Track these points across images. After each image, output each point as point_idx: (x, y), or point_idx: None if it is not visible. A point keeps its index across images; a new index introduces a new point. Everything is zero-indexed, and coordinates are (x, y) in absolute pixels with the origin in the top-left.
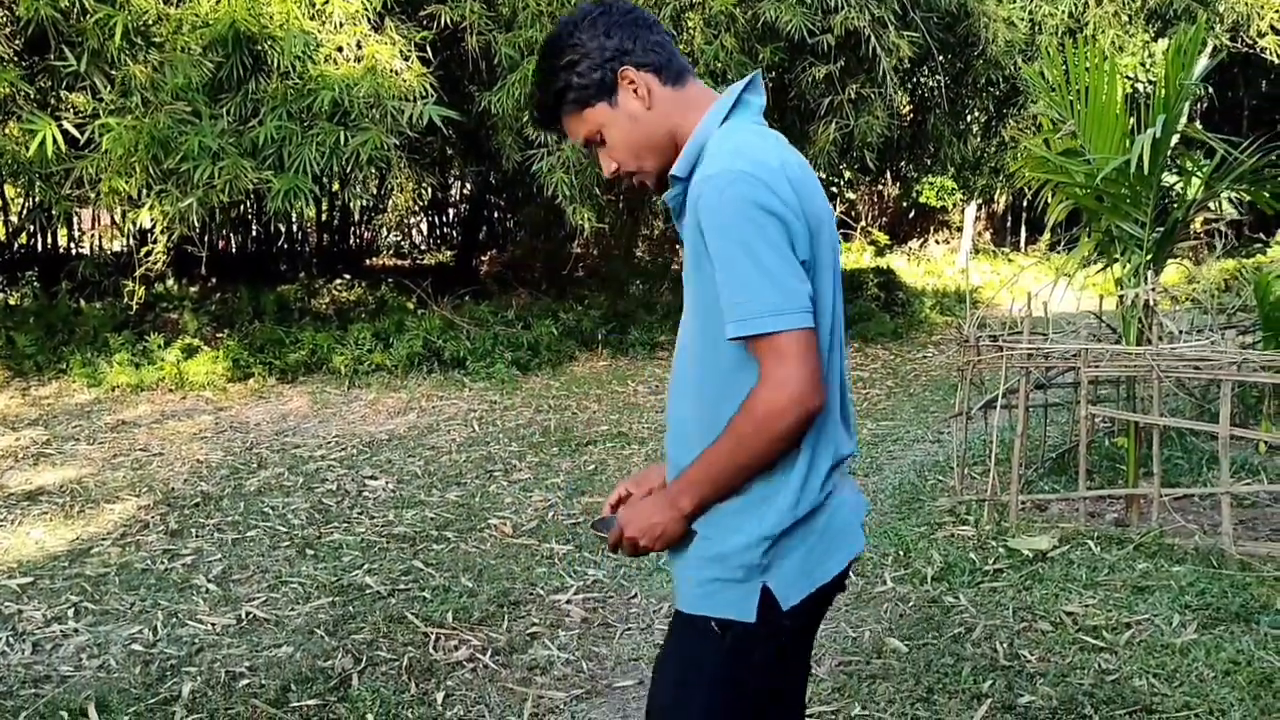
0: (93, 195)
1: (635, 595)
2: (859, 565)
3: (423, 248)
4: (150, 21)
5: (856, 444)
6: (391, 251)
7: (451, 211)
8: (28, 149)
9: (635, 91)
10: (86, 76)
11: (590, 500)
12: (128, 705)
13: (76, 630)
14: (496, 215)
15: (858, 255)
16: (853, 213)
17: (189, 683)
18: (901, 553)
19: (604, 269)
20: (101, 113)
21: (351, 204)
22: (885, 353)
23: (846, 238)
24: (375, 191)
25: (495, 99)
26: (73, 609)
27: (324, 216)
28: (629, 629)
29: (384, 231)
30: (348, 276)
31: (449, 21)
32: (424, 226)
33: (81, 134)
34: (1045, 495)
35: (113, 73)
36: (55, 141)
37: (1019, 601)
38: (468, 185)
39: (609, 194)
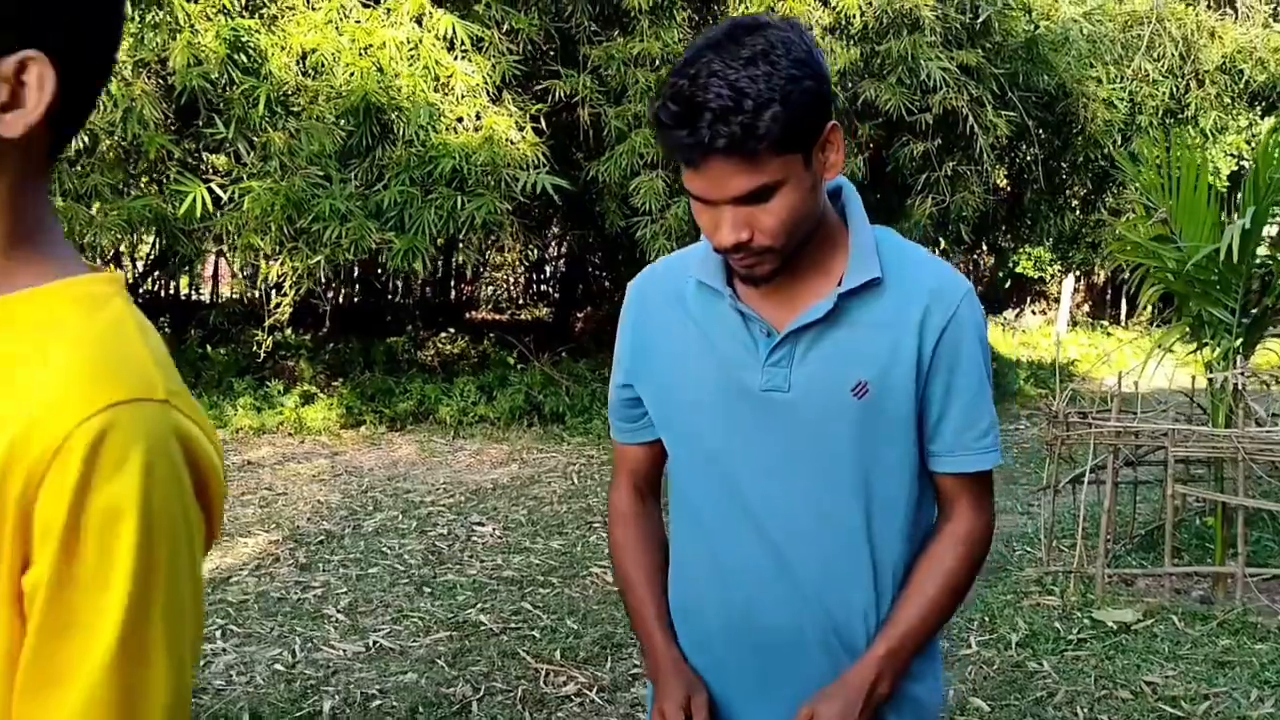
0: (228, 250)
1: None
2: (944, 629)
3: (520, 303)
4: (290, 92)
5: None
6: (491, 306)
7: (549, 269)
8: (175, 207)
9: (825, 155)
10: (231, 142)
11: None
12: (277, 717)
13: (225, 650)
14: (594, 274)
15: None
16: None
17: (328, 700)
18: (987, 619)
19: None
20: (243, 175)
21: (460, 261)
22: None
23: None
24: (483, 252)
25: (603, 168)
26: (220, 631)
27: (430, 272)
28: None
29: (486, 288)
30: (451, 330)
31: (562, 95)
32: (522, 283)
33: (224, 194)
34: (1131, 570)
35: (254, 139)
36: (204, 202)
37: (1101, 670)
38: (565, 245)
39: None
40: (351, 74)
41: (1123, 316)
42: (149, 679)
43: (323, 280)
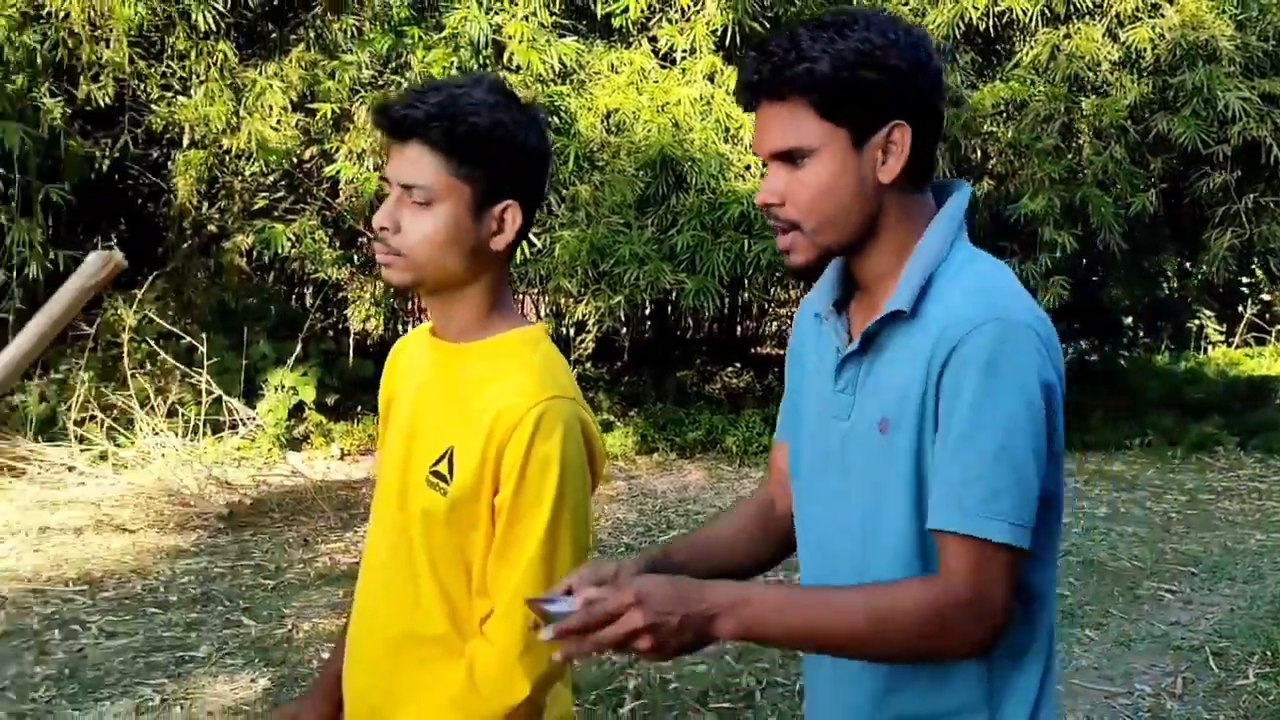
0: (538, 291)
1: None
2: (1221, 658)
3: None
4: (595, 148)
5: None
6: (775, 342)
7: None
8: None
9: (884, 155)
10: (545, 196)
11: None
12: (591, 689)
13: None
14: None
15: (1270, 360)
16: (1267, 315)
17: (633, 680)
18: (1269, 653)
19: None
20: (554, 225)
21: (745, 299)
22: None
23: (1260, 341)
24: (768, 290)
25: None
26: None
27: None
28: None
29: (771, 324)
30: (737, 364)
31: None
32: None
33: (537, 242)
34: None
35: (564, 191)
36: (523, 250)
37: None
38: None
39: None
40: (650, 130)
41: None
42: (559, 554)
43: (621, 318)
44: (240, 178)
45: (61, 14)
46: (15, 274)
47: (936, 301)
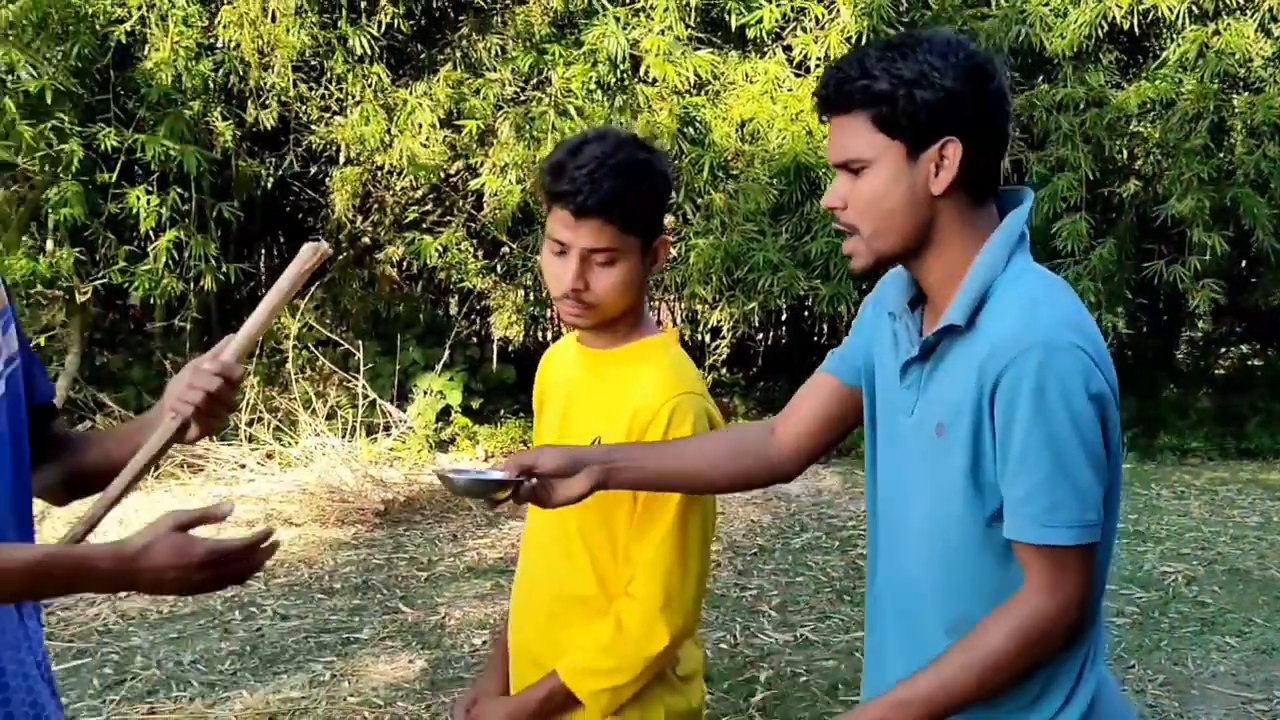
0: (673, 298)
1: (1133, 665)
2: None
3: None
4: (729, 157)
5: None
6: None
7: None
8: None
9: (936, 168)
10: (680, 204)
11: None
12: (723, 679)
13: None
14: None
15: None
16: None
17: (764, 672)
18: None
19: (1138, 371)
20: (689, 234)
21: None
22: None
23: None
24: None
25: None
26: None
27: (851, 316)
28: (1123, 691)
29: None
30: None
31: None
32: None
33: (672, 250)
34: None
35: (699, 200)
36: None
37: None
38: None
39: (1140, 297)
40: (784, 138)
41: None
42: (690, 526)
43: (755, 324)
44: (392, 192)
45: (233, 44)
46: (192, 285)
47: (991, 316)
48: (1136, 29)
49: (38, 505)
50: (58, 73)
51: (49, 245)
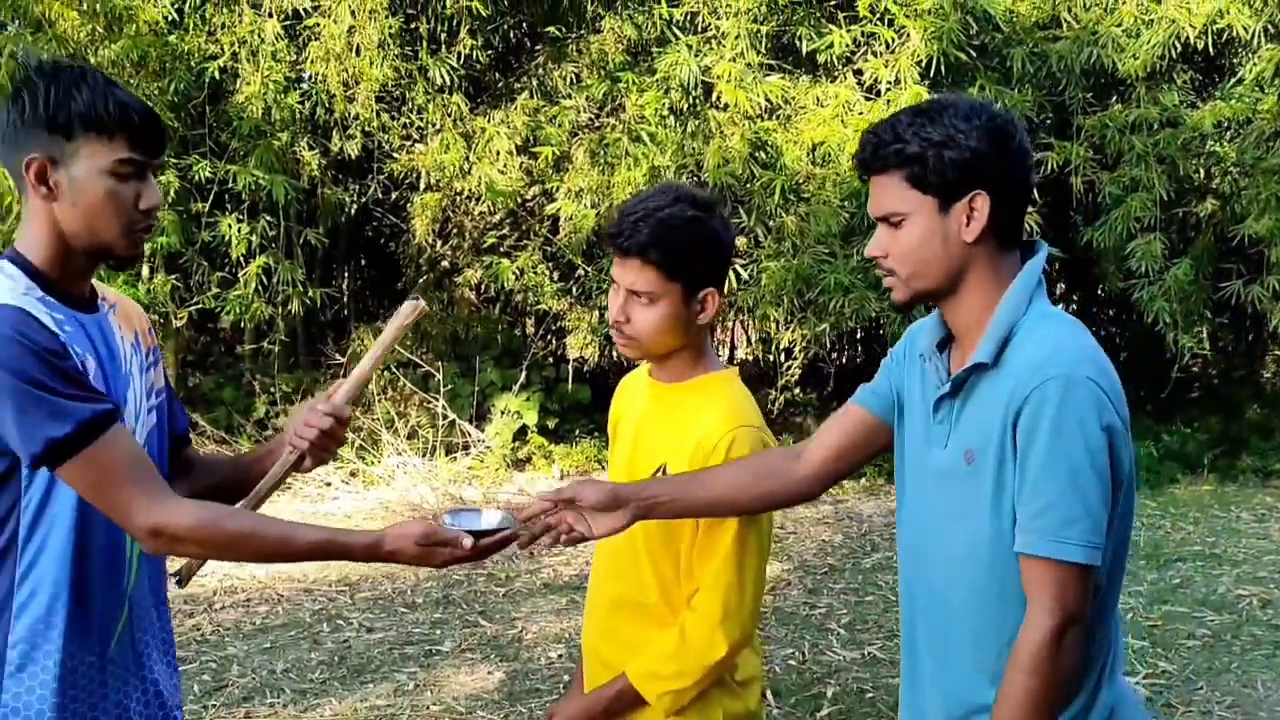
0: (745, 319)
1: (1201, 687)
2: None
3: None
4: (800, 180)
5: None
6: None
7: None
8: None
9: (968, 219)
10: (751, 227)
11: (1168, 609)
12: (790, 694)
13: None
14: (1099, 334)
15: None
16: None
17: (831, 688)
18: None
19: (1221, 391)
20: (760, 256)
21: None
22: None
23: None
24: None
25: (1097, 234)
26: None
27: None
28: (1189, 712)
29: None
30: None
31: (1054, 165)
32: None
33: (744, 272)
34: None
35: (770, 223)
36: (729, 280)
37: None
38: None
39: (1221, 316)
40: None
41: None
42: (749, 547)
43: (827, 345)
44: (470, 217)
45: (320, 77)
46: (280, 309)
47: (1015, 353)
48: (1210, 48)
49: None
50: (155, 108)
51: (145, 272)
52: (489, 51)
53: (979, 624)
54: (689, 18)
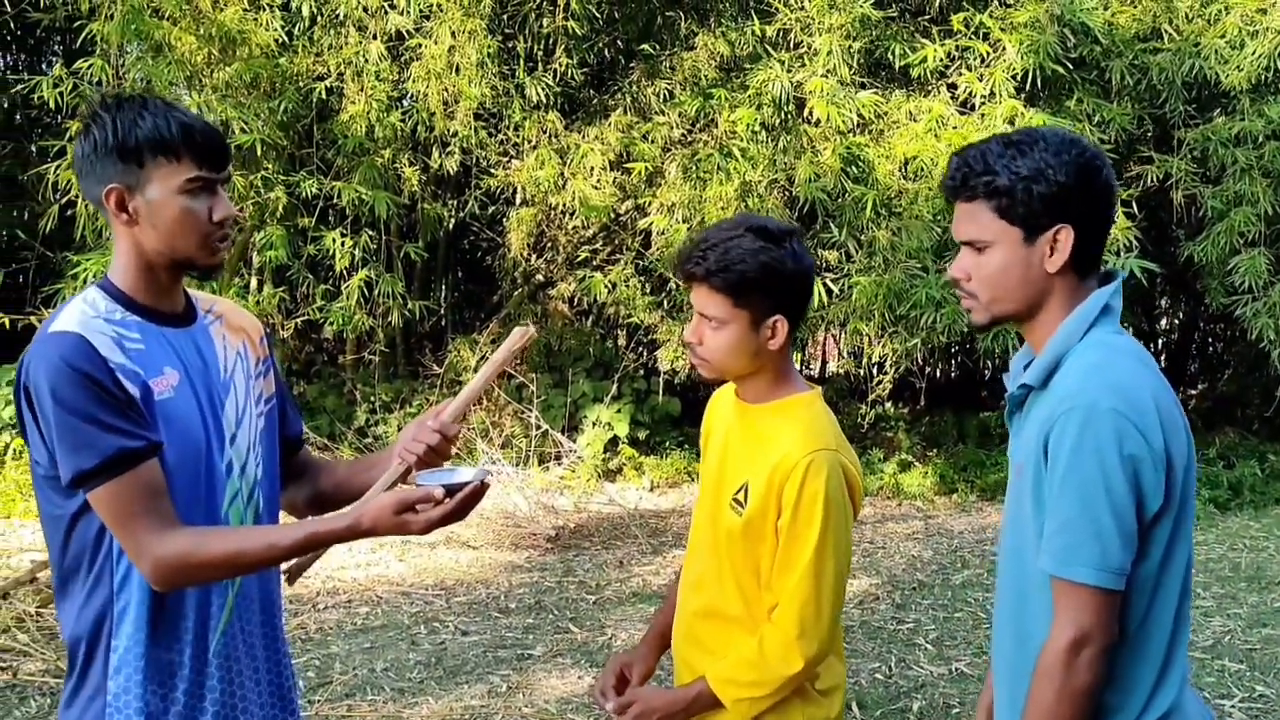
0: (838, 333)
1: None
2: None
3: None
4: (892, 195)
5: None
6: None
7: (1159, 344)
8: None
9: (1051, 250)
10: (842, 242)
11: (1268, 632)
12: (878, 706)
13: None
14: (1204, 349)
15: None
16: None
17: (917, 702)
18: None
19: None
20: (851, 271)
21: None
22: None
23: None
24: None
25: (1199, 249)
26: None
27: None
28: None
29: None
30: None
31: (1154, 179)
32: None
33: (835, 286)
34: None
35: (861, 238)
36: (819, 294)
37: None
38: (1174, 321)
39: None
40: None
41: None
42: (826, 565)
43: (919, 359)
44: (564, 231)
45: (422, 96)
46: (381, 320)
47: (1060, 378)
48: None
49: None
50: (265, 127)
51: (253, 284)
52: (584, 69)
53: (1016, 629)
54: (781, 34)
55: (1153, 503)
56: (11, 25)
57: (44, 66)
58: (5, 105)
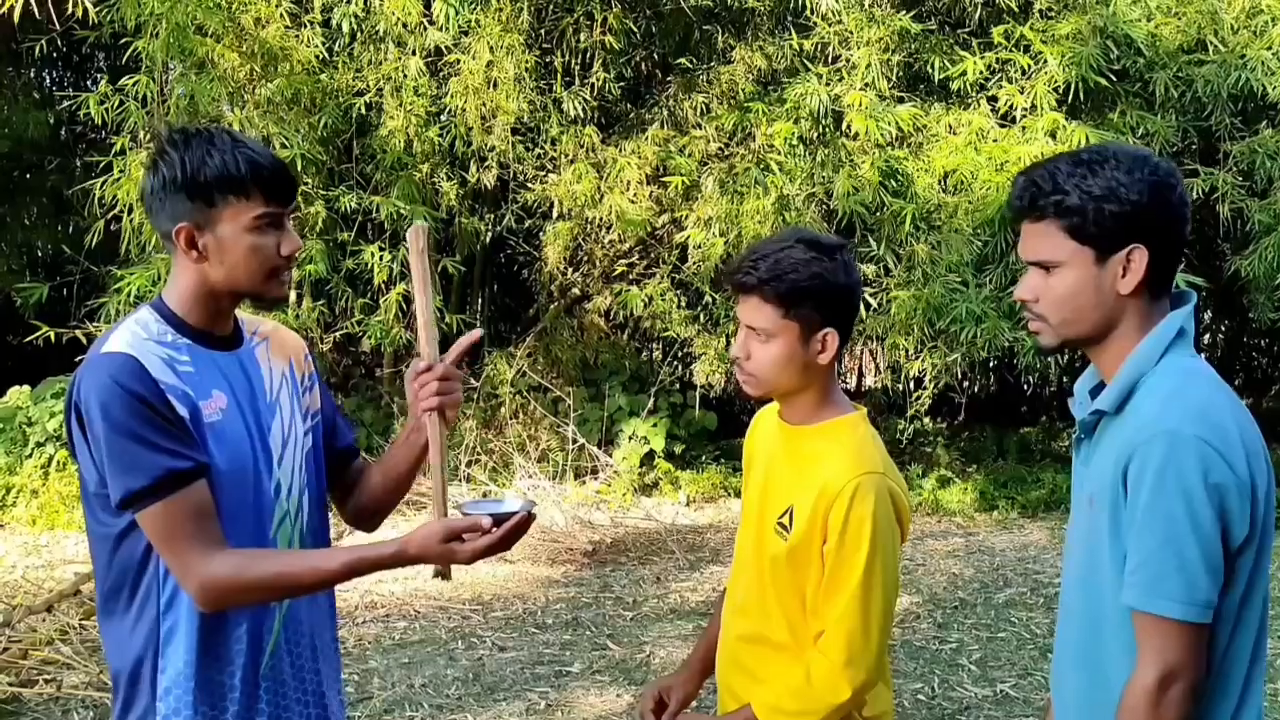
0: (876, 347)
1: None
2: None
3: None
4: (931, 209)
5: None
6: None
7: (1204, 357)
8: None
9: (1124, 270)
10: (880, 255)
11: None
12: None
13: None
14: (1250, 364)
15: None
16: None
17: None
18: None
19: None
20: (890, 285)
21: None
22: None
23: None
24: None
25: (1246, 263)
26: None
27: (1067, 365)
28: None
29: None
30: None
31: (1200, 192)
32: None
33: (874, 301)
34: None
35: (900, 251)
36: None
37: None
38: (1217, 336)
39: None
40: (988, 189)
41: None
42: (874, 590)
43: (958, 374)
44: (601, 245)
45: (460, 111)
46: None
47: (1137, 404)
48: None
49: (342, 526)
50: (306, 142)
51: (292, 298)
52: (621, 83)
53: (1088, 669)
54: (819, 48)
55: (1239, 532)
56: (58, 42)
57: (89, 83)
58: (51, 121)
